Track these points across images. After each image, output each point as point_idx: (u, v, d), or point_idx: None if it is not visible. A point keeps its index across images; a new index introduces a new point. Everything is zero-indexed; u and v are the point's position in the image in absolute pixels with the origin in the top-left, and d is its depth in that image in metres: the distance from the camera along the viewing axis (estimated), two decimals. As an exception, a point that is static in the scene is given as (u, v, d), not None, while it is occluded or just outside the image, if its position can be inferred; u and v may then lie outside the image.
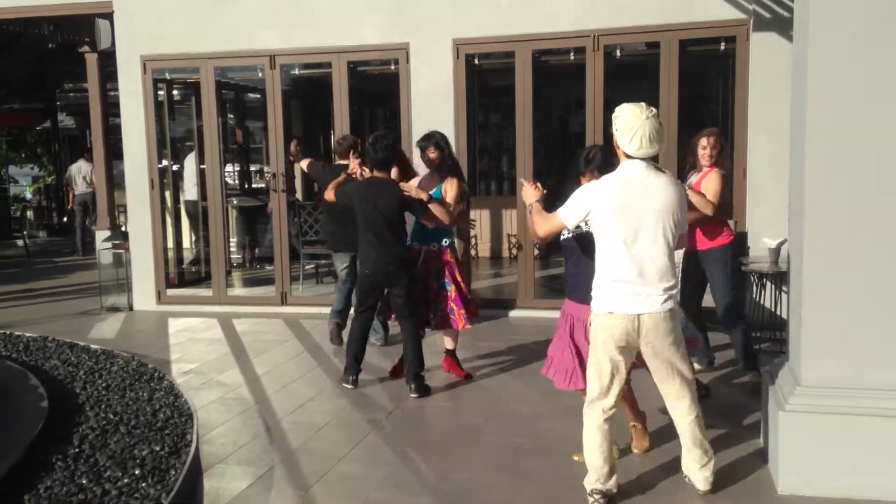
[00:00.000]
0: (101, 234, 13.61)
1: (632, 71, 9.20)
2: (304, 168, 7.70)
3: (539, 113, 9.26)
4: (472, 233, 9.59)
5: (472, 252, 10.92)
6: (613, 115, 3.89)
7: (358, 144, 7.08)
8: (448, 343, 6.14)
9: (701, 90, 10.65)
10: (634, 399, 4.53)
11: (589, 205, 3.81)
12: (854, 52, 3.79)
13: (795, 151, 4.17)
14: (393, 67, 8.63)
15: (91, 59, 13.56)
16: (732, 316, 5.67)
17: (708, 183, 5.55)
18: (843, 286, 3.86)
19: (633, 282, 3.73)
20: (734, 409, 5.23)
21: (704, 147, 5.65)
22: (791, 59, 7.09)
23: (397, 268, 5.69)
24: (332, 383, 6.00)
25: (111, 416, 4.78)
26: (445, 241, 5.95)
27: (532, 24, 7.97)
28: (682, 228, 3.90)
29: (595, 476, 3.86)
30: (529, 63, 8.08)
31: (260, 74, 8.95)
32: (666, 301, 3.75)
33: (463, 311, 5.83)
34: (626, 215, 3.72)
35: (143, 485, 3.78)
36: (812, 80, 3.86)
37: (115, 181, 14.39)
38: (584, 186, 3.96)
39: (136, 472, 3.93)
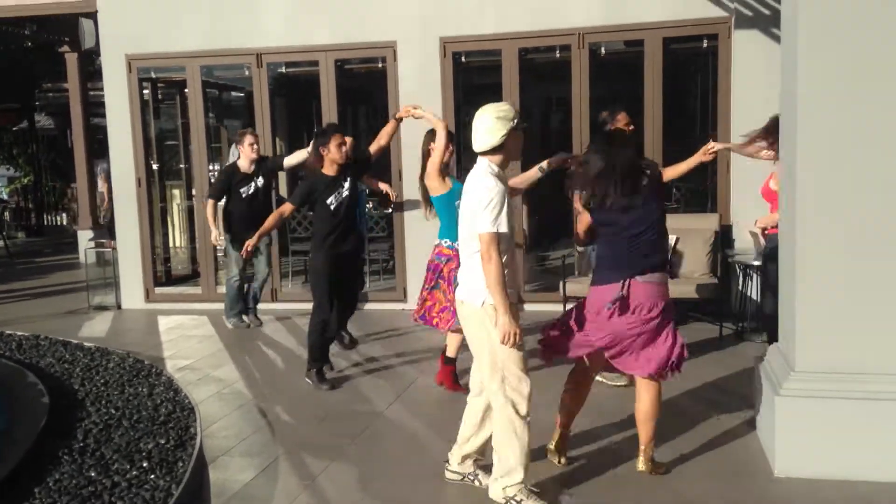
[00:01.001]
0: (84, 234, 13.62)
1: (617, 68, 9.33)
2: None
3: (526, 110, 9.33)
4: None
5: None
6: None
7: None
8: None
9: (684, 87, 10.80)
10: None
11: None
12: (842, 47, 3.91)
13: (786, 142, 4.29)
14: (380, 66, 8.68)
15: (71, 59, 13.53)
16: None
17: None
18: (835, 273, 3.99)
19: None
20: (726, 395, 5.35)
21: None
22: (771, 55, 7.31)
23: None
24: (330, 377, 6.05)
25: (113, 412, 4.81)
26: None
27: (518, 23, 8.06)
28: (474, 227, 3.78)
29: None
30: (516, 61, 8.18)
31: (247, 73, 8.97)
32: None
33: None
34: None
35: (152, 476, 3.82)
36: (802, 74, 3.97)
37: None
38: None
39: (144, 464, 3.97)
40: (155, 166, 9.82)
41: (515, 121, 3.86)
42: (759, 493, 3.95)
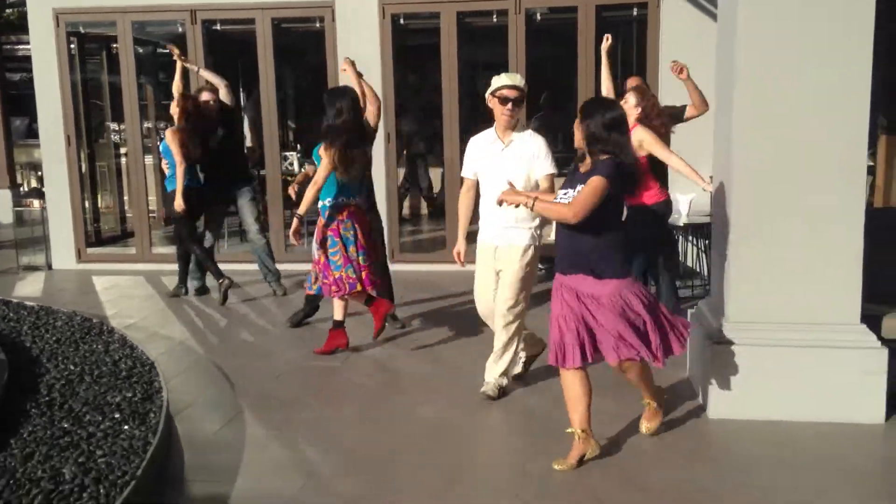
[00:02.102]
0: (1, 193, 13.20)
1: (551, 35, 9.57)
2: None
3: (465, 74, 9.51)
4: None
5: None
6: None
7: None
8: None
9: (616, 54, 11.10)
10: (650, 375, 4.22)
11: None
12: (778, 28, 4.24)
13: (722, 106, 4.61)
14: (318, 26, 8.70)
15: (-16, 11, 13.00)
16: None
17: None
18: (762, 233, 4.35)
19: None
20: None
21: None
22: (698, 24, 7.68)
23: None
24: (279, 334, 6.19)
25: (72, 367, 4.88)
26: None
27: (457, -14, 8.20)
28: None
29: None
30: (454, 24, 8.33)
31: (180, 30, 8.86)
32: None
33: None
34: None
35: (126, 427, 3.95)
36: (739, 42, 4.28)
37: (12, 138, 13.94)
38: None
39: (116, 415, 4.10)
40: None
41: (490, 88, 4.66)
42: (695, 432, 4.31)
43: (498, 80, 4.71)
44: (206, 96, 7.25)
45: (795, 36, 4.24)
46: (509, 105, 4.63)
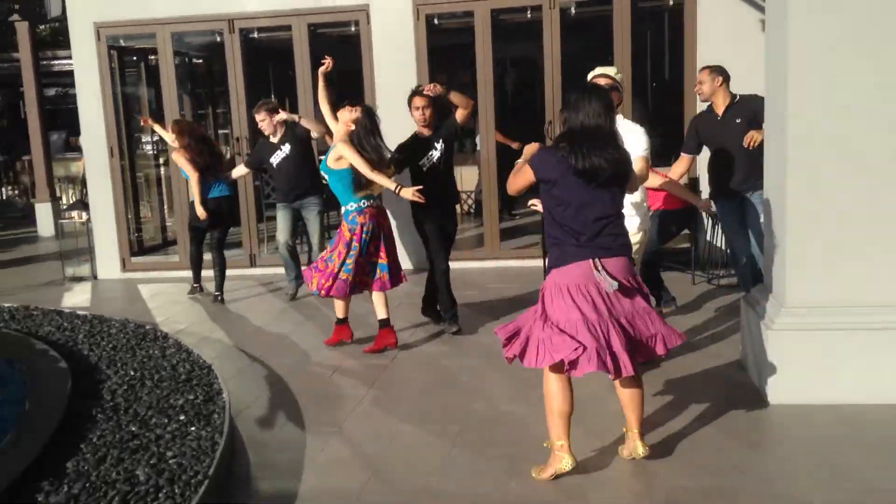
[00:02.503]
0: (42, 207, 13.44)
1: (587, 28, 9.55)
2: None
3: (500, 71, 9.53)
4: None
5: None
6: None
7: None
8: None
9: (653, 46, 11.09)
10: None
11: None
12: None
13: (774, 87, 4.56)
14: (353, 30, 8.76)
15: (22, 28, 13.24)
16: None
17: None
18: (823, 212, 4.31)
19: None
20: (706, 338, 5.69)
21: None
22: (736, 12, 7.64)
23: None
24: (326, 335, 6.22)
25: (131, 373, 4.95)
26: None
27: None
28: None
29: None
30: (488, 22, 8.34)
31: (218, 39, 8.96)
32: None
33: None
34: None
35: (192, 429, 4.00)
36: (792, 21, 4.25)
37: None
38: None
39: (181, 417, 4.15)
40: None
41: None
42: (755, 418, 4.29)
43: (592, 73, 4.80)
44: (261, 115, 7.36)
45: (852, 18, 4.20)
46: None
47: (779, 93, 4.47)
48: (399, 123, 6.28)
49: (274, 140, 7.38)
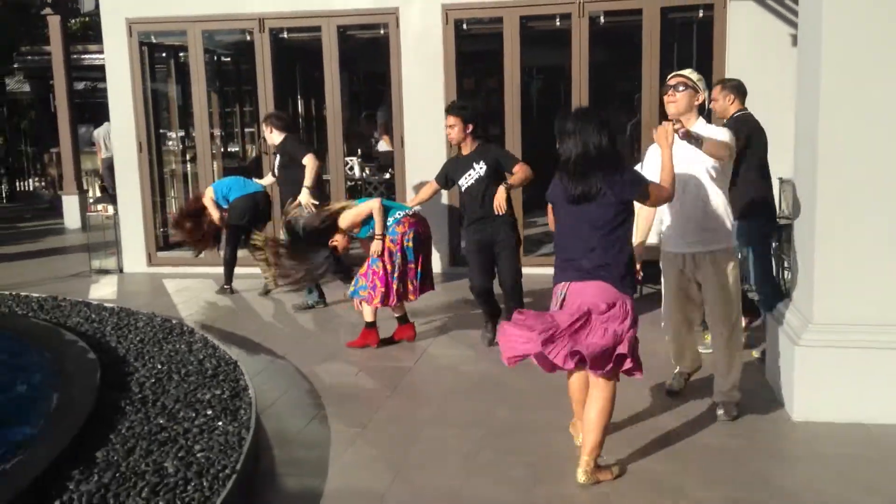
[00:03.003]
0: (69, 199, 13.59)
1: (616, 38, 9.56)
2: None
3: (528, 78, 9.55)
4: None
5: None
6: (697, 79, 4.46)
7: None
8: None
9: (681, 56, 11.05)
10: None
11: None
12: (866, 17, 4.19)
13: (805, 106, 4.56)
14: (382, 32, 8.81)
15: (54, 22, 13.39)
16: None
17: None
18: (852, 229, 4.30)
19: None
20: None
21: None
22: (764, 24, 7.63)
23: None
24: (349, 336, 6.24)
25: (159, 366, 5.00)
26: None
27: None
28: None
29: None
30: (517, 28, 8.37)
31: (248, 38, 9.04)
32: None
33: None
34: None
35: (220, 423, 4.04)
36: (826, 40, 4.24)
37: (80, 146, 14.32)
38: None
39: (209, 412, 4.20)
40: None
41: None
42: (780, 434, 4.28)
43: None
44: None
45: (883, 39, 4.20)
46: (669, 91, 4.50)
47: (810, 111, 4.46)
48: (423, 127, 6.32)
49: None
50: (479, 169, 5.86)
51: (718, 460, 3.97)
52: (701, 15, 8.41)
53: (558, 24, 8.52)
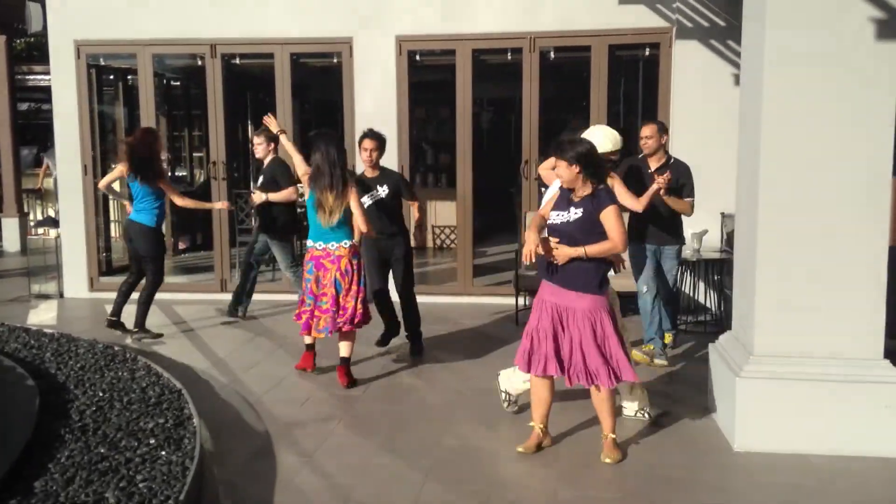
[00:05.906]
0: (9, 222, 13.26)
1: (565, 73, 9.74)
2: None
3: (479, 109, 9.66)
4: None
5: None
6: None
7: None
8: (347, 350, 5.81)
9: (627, 93, 11.31)
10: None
11: None
12: (807, 62, 4.36)
13: (746, 148, 4.71)
14: (335, 61, 8.84)
15: (-1, 42, 13.12)
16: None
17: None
18: (792, 266, 4.43)
19: None
20: (675, 382, 5.78)
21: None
22: (709, 64, 7.85)
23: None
24: (296, 361, 6.18)
25: (100, 394, 4.90)
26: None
27: (473, 25, 8.36)
28: None
29: None
30: (469, 61, 8.48)
31: (200, 63, 8.99)
32: None
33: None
34: None
35: (163, 453, 3.97)
36: (767, 90, 4.40)
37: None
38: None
39: (151, 441, 4.12)
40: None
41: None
42: (721, 465, 4.35)
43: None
44: (259, 139, 7.53)
45: (820, 78, 4.36)
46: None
47: (751, 151, 4.61)
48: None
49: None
50: (382, 191, 6.33)
51: (662, 491, 4.02)
52: (647, 53, 8.63)
53: (510, 57, 8.65)
